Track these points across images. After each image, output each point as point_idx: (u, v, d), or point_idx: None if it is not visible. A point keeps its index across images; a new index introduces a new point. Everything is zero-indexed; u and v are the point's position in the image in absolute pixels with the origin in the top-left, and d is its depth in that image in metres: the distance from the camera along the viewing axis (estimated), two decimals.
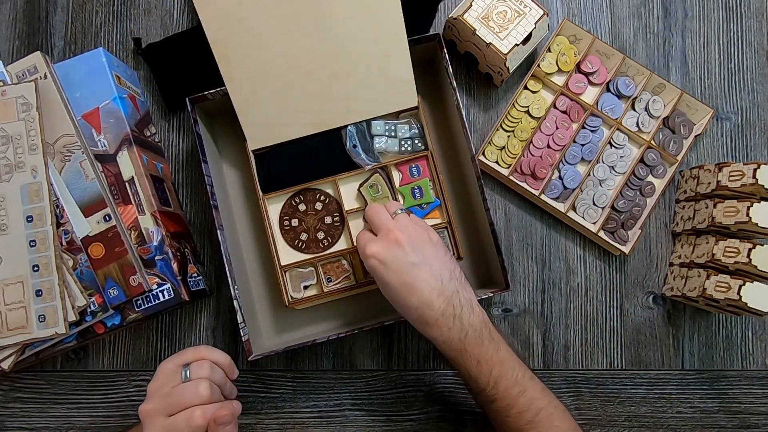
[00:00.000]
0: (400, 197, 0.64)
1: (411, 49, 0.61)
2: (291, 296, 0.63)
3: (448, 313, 0.50)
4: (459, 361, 0.51)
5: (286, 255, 0.64)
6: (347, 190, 0.64)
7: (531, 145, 0.68)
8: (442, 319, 0.50)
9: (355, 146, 0.64)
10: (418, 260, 0.50)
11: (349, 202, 0.64)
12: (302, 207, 0.64)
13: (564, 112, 0.69)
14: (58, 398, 0.66)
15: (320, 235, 0.64)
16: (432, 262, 0.51)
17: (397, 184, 0.64)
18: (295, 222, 0.64)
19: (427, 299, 0.50)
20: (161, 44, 0.68)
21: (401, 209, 0.55)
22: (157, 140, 0.68)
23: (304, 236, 0.64)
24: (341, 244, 0.64)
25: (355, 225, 0.63)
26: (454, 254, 0.62)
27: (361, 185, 0.64)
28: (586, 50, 0.68)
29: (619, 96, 0.69)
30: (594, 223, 0.67)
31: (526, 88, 0.68)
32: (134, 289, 0.58)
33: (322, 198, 0.65)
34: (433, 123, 0.68)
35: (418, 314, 0.50)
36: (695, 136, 0.69)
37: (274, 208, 0.64)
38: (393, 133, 0.65)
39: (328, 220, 0.64)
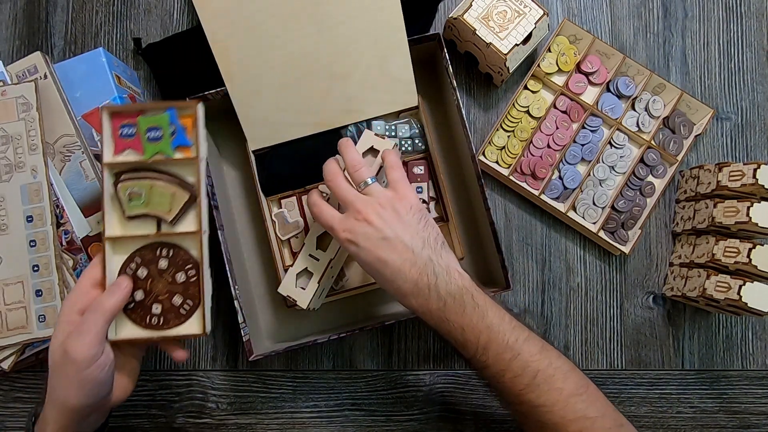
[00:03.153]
0: (156, 158, 0.48)
1: (411, 49, 0.61)
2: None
3: (422, 283, 0.49)
4: (443, 329, 0.50)
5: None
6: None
7: (531, 145, 0.68)
8: (416, 289, 0.49)
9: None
10: (389, 234, 0.49)
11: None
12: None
13: (564, 112, 0.69)
14: None
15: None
16: (403, 234, 0.50)
17: (109, 157, 0.48)
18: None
19: (400, 271, 0.49)
20: (161, 44, 0.68)
21: (371, 179, 0.53)
22: None
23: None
24: None
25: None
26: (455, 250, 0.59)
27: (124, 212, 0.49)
28: (586, 50, 0.68)
29: (619, 96, 0.69)
30: (594, 223, 0.67)
31: (526, 88, 0.68)
32: None
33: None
34: (433, 123, 0.68)
35: (395, 287, 0.50)
36: (695, 136, 0.69)
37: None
38: (393, 133, 0.65)
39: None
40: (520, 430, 0.53)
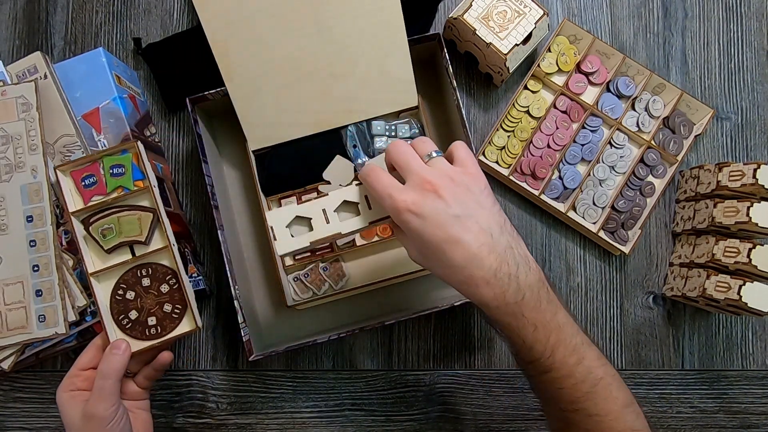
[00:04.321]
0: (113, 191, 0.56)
1: (411, 49, 0.61)
2: (293, 298, 0.62)
3: (503, 272, 0.43)
4: (513, 326, 0.44)
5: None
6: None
7: (531, 145, 0.68)
8: (495, 279, 0.43)
9: (355, 146, 0.64)
10: (461, 212, 0.43)
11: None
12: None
13: (564, 112, 0.69)
14: None
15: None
16: (478, 214, 0.43)
17: (72, 207, 0.55)
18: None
19: (476, 256, 0.42)
20: (161, 44, 0.68)
21: (436, 152, 0.46)
22: (157, 140, 0.68)
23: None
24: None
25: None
26: None
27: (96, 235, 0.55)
28: (586, 50, 0.68)
29: (619, 96, 0.69)
30: (594, 223, 0.67)
31: (526, 88, 0.68)
32: None
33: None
34: (433, 123, 0.68)
35: (466, 275, 0.43)
36: (695, 136, 0.69)
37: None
38: (393, 133, 0.65)
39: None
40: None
